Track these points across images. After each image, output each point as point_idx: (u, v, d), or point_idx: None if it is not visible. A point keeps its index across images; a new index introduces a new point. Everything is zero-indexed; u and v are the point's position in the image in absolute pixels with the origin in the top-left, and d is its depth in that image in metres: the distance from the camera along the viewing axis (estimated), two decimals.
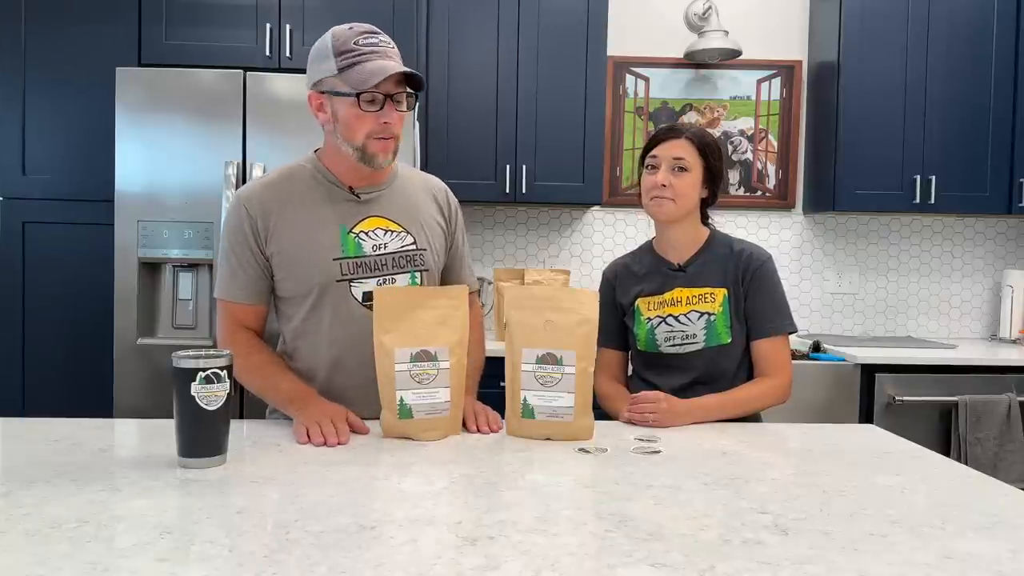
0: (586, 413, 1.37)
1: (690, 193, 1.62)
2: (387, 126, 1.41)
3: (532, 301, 1.39)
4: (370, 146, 1.42)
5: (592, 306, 1.39)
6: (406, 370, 1.34)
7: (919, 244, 3.43)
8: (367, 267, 1.47)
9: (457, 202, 1.66)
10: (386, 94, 1.39)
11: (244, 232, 1.46)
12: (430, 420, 1.34)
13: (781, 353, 1.64)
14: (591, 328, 1.38)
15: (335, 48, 1.40)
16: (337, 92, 1.40)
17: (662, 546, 0.86)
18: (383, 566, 0.79)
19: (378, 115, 1.40)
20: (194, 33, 2.70)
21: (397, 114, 1.42)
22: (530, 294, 1.41)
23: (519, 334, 1.38)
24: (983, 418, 2.66)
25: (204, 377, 1.12)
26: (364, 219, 1.49)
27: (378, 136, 1.41)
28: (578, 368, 1.36)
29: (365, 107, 1.39)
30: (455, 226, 1.63)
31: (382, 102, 1.39)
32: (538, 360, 1.37)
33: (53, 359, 2.69)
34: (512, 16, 2.97)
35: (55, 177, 2.69)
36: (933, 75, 3.04)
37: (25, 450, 1.22)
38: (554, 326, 1.36)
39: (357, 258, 1.46)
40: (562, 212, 3.34)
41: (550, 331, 1.36)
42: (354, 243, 1.47)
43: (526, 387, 1.37)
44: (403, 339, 1.34)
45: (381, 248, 1.48)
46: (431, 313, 1.37)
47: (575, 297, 1.39)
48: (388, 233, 1.50)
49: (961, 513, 1.00)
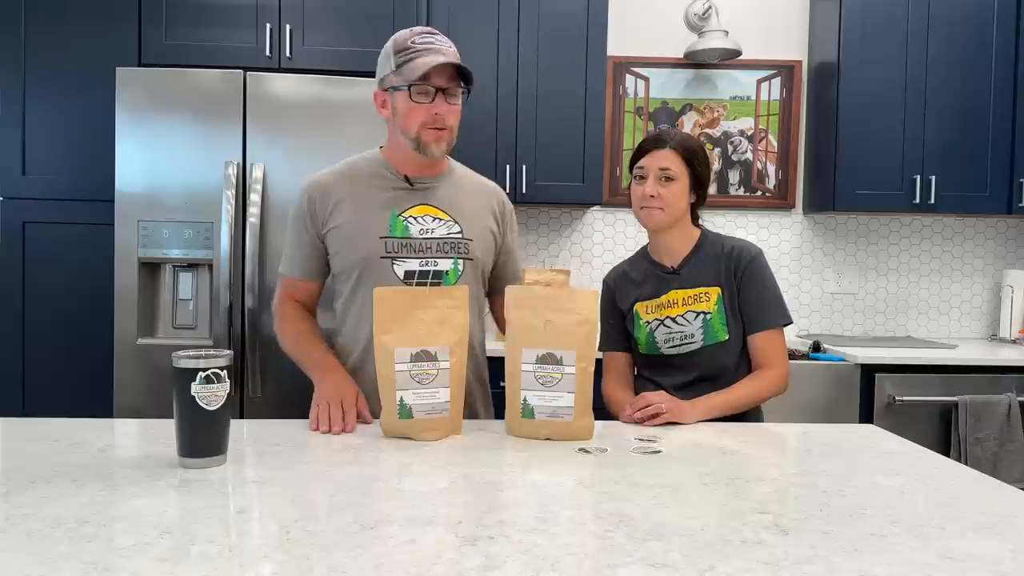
0: (586, 413, 1.37)
1: (678, 202, 1.64)
2: (438, 117, 1.51)
3: (532, 301, 1.39)
4: (424, 136, 1.52)
5: (591, 306, 1.39)
6: (406, 370, 1.34)
7: (919, 244, 3.43)
8: (411, 248, 1.56)
9: (512, 207, 1.74)
10: (438, 87, 1.49)
11: (304, 214, 1.59)
12: (430, 420, 1.34)
13: (777, 345, 1.65)
14: (591, 328, 1.38)
15: (395, 47, 1.53)
16: (395, 87, 1.52)
17: (662, 546, 0.86)
18: (383, 566, 0.79)
19: (429, 106, 1.50)
20: (194, 33, 2.70)
21: (448, 106, 1.51)
22: (530, 294, 1.41)
23: (519, 334, 1.38)
24: (983, 418, 2.66)
25: (204, 377, 1.12)
26: (415, 206, 1.58)
27: (431, 126, 1.51)
28: (578, 368, 1.36)
29: (417, 98, 1.50)
30: (507, 227, 1.70)
31: (433, 94, 1.50)
32: (538, 360, 1.37)
33: (53, 359, 2.69)
34: (512, 16, 2.97)
35: (55, 177, 2.69)
36: (933, 75, 3.04)
37: (25, 450, 1.22)
38: (554, 326, 1.36)
39: (403, 239, 1.56)
40: (562, 212, 3.34)
41: (550, 331, 1.36)
42: (402, 225, 1.56)
43: (526, 387, 1.37)
44: (403, 339, 1.34)
45: (428, 232, 1.57)
46: (431, 313, 1.37)
47: (574, 297, 1.39)
48: (436, 220, 1.59)
49: (961, 513, 1.00)
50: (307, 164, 2.45)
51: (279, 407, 2.43)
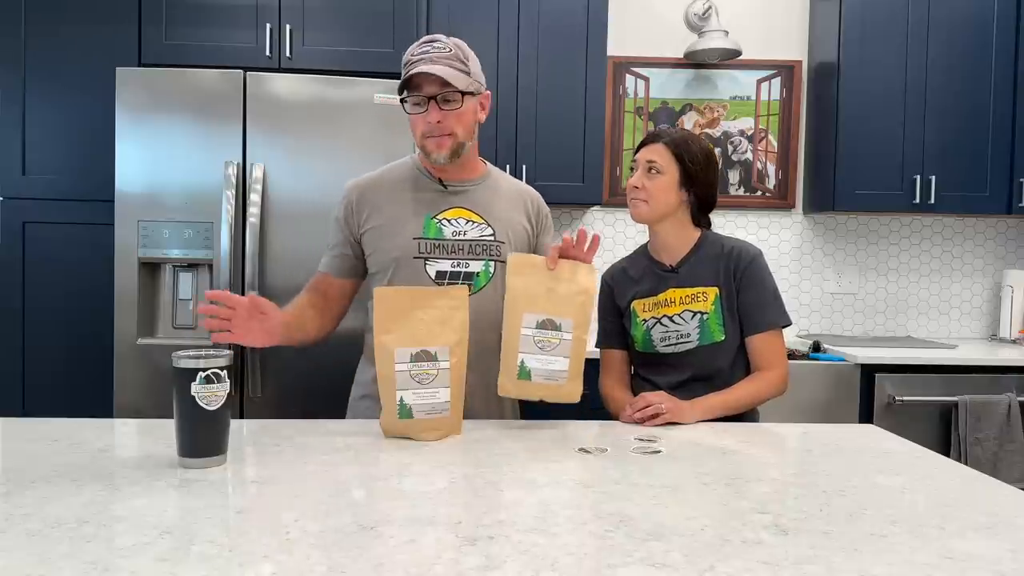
0: (577, 377, 1.44)
1: (662, 195, 1.65)
2: (434, 125, 1.52)
3: (533, 269, 1.45)
4: (427, 145, 1.55)
5: (589, 278, 1.46)
6: (406, 370, 1.34)
7: (919, 244, 3.43)
8: (444, 249, 1.58)
9: (548, 210, 1.75)
10: (429, 96, 1.51)
11: (343, 214, 1.64)
12: (430, 420, 1.34)
13: (776, 347, 1.65)
14: (588, 299, 1.44)
15: (403, 61, 1.55)
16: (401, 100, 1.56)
17: (662, 546, 0.86)
18: (383, 566, 0.79)
19: (424, 116, 1.53)
20: (194, 33, 2.70)
21: (442, 112, 1.52)
22: (531, 262, 1.47)
23: (521, 299, 1.43)
24: (983, 418, 2.66)
25: (204, 377, 1.12)
26: (449, 208, 1.61)
27: (429, 135, 1.54)
28: (574, 336, 1.43)
29: (410, 109, 1.54)
30: (541, 230, 1.72)
31: (426, 104, 1.52)
32: (538, 325, 1.42)
33: (53, 359, 2.69)
34: (512, 16, 2.97)
35: (55, 177, 2.69)
36: (933, 75, 3.04)
37: (25, 450, 1.22)
38: (555, 294, 1.43)
39: (436, 240, 1.59)
40: (562, 212, 3.34)
41: (551, 299, 1.43)
42: (436, 227, 1.59)
43: (524, 350, 1.42)
44: (403, 339, 1.34)
45: (461, 234, 1.60)
46: (432, 313, 1.37)
47: (573, 269, 1.46)
48: (470, 223, 1.61)
49: (961, 513, 1.00)
50: (307, 164, 2.46)
51: (279, 407, 2.44)
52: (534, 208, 1.71)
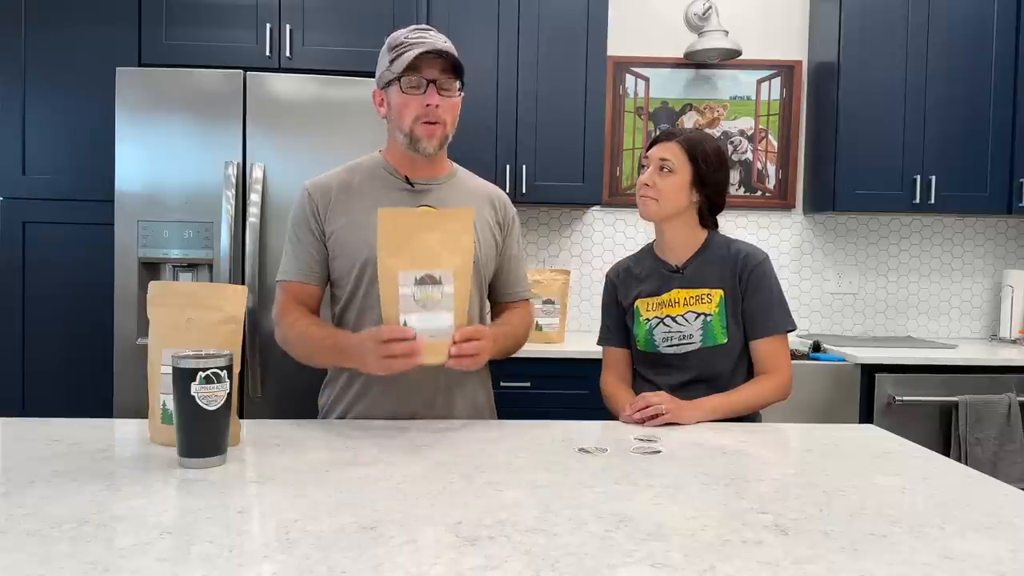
0: None
1: (673, 194, 1.64)
2: (430, 109, 1.48)
3: (175, 298, 1.26)
4: (417, 130, 1.50)
5: (238, 303, 1.28)
6: (410, 294, 1.33)
7: (919, 244, 3.43)
8: None
9: (515, 211, 1.71)
10: (429, 79, 1.47)
11: (306, 214, 1.56)
12: (433, 344, 1.33)
13: (780, 352, 1.65)
14: (236, 327, 1.27)
15: (390, 44, 1.51)
16: (388, 82, 1.50)
17: (662, 546, 0.86)
18: (383, 566, 0.79)
19: (422, 98, 1.48)
20: (194, 33, 2.70)
21: (440, 98, 1.48)
22: (172, 291, 1.28)
23: (158, 335, 1.25)
24: (983, 418, 2.66)
25: (204, 377, 1.12)
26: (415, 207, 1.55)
27: (424, 120, 1.49)
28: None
29: (408, 91, 1.48)
30: (508, 232, 1.67)
31: (425, 86, 1.47)
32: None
33: (53, 359, 2.69)
34: (512, 16, 2.97)
35: (55, 177, 2.69)
36: (933, 75, 3.04)
37: (25, 450, 1.22)
38: (195, 324, 1.24)
39: None
40: (562, 212, 3.34)
41: (192, 329, 1.24)
42: None
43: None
44: (407, 262, 1.33)
45: None
46: (436, 236, 1.35)
47: (220, 294, 1.28)
48: None
49: (961, 513, 1.00)
50: (307, 164, 2.46)
51: (279, 407, 2.43)
52: (501, 208, 1.67)
